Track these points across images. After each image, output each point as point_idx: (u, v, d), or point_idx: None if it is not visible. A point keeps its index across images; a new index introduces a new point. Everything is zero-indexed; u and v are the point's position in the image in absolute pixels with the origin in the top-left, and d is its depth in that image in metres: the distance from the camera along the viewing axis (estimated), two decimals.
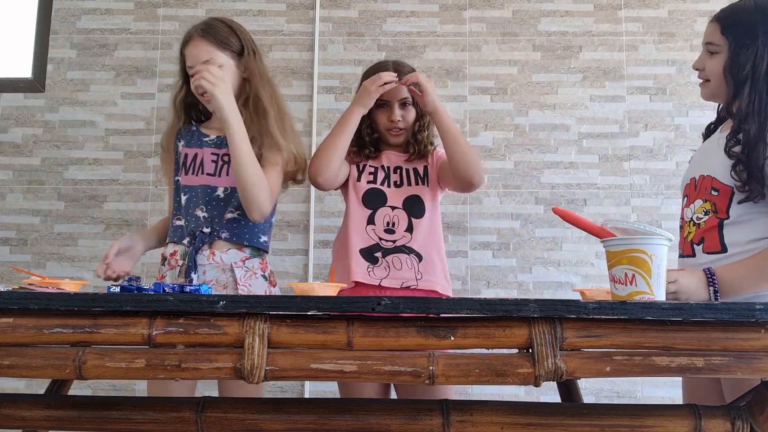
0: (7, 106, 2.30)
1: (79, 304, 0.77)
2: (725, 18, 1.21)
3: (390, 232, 1.50)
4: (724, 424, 0.81)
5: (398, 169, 1.57)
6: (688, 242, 1.24)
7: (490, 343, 0.78)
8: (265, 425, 0.83)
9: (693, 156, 1.35)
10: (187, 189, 1.47)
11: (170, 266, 1.45)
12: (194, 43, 1.44)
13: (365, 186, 1.54)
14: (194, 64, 1.42)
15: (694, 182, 1.27)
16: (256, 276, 1.45)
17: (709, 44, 1.22)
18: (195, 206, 1.45)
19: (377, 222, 1.51)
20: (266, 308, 0.78)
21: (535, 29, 2.32)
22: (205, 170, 1.47)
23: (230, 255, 1.44)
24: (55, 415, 0.84)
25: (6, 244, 2.24)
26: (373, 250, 1.49)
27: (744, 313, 0.73)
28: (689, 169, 1.33)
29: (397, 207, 1.52)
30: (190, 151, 1.50)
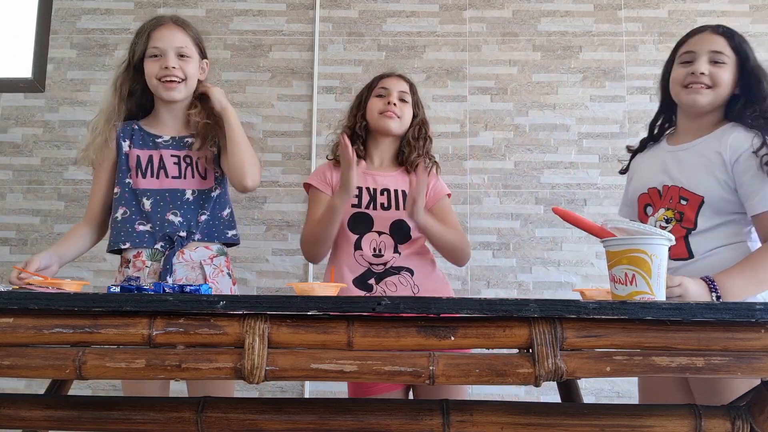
0: (7, 106, 2.30)
1: (79, 304, 0.77)
2: (732, 36, 1.25)
3: (378, 256, 1.47)
4: (724, 424, 0.81)
5: (385, 191, 1.52)
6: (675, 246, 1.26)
7: (491, 343, 0.78)
8: (265, 425, 0.83)
9: (639, 166, 1.39)
10: (149, 193, 1.44)
11: (136, 268, 1.42)
12: (169, 28, 1.43)
13: (350, 210, 1.49)
14: (165, 47, 1.41)
15: (656, 192, 1.30)
16: (222, 273, 1.47)
17: (718, 53, 1.24)
18: (165, 211, 1.43)
19: (364, 247, 1.47)
20: (266, 308, 0.78)
21: (535, 29, 2.32)
22: (169, 173, 1.45)
23: (199, 253, 1.44)
24: (55, 416, 0.84)
25: (6, 244, 2.24)
26: (366, 277, 1.47)
27: (744, 313, 0.73)
28: (641, 178, 1.36)
29: (383, 232, 1.48)
30: (143, 153, 1.46)
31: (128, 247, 1.42)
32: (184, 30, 1.45)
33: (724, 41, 1.25)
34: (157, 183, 1.45)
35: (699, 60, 1.25)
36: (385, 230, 1.49)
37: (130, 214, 1.44)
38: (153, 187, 1.44)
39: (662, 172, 1.31)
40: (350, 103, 1.63)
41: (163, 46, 1.41)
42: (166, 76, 1.41)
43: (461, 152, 2.28)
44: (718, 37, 1.26)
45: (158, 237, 1.42)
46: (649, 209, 1.32)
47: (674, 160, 1.31)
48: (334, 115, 2.27)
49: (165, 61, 1.41)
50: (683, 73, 1.28)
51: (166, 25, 1.44)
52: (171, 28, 1.43)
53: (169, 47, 1.41)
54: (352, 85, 2.27)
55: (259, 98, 2.29)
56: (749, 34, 2.28)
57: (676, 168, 1.29)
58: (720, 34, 1.26)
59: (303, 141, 2.27)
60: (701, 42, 1.27)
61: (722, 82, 1.24)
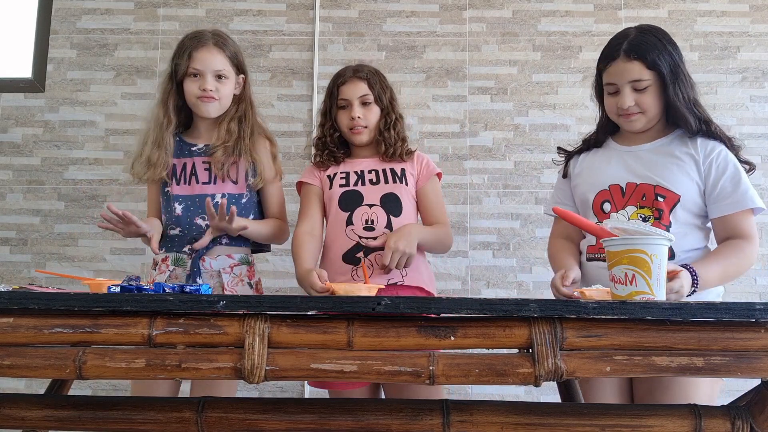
0: (7, 106, 2.30)
1: (79, 304, 0.77)
2: (646, 55, 1.27)
3: (369, 229, 1.45)
4: (724, 424, 0.81)
5: (373, 171, 1.52)
6: None
7: (491, 343, 0.78)
8: (265, 425, 0.83)
9: (590, 165, 1.40)
10: (181, 199, 1.48)
11: (160, 271, 1.47)
12: (209, 50, 1.46)
13: (339, 190, 1.50)
14: (205, 70, 1.45)
15: (619, 189, 1.32)
16: (242, 283, 1.48)
17: (637, 81, 1.27)
18: (194, 215, 1.47)
19: (356, 222, 1.46)
20: (266, 308, 0.78)
21: (535, 29, 2.32)
22: (200, 179, 1.49)
23: (219, 261, 1.46)
24: (55, 416, 0.84)
25: (6, 244, 2.23)
26: (354, 251, 1.44)
27: (744, 313, 0.73)
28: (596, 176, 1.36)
29: (374, 204, 1.48)
30: (178, 161, 1.51)
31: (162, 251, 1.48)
32: (223, 51, 1.48)
33: (639, 66, 1.27)
34: (189, 189, 1.49)
35: (623, 92, 1.29)
36: (376, 202, 1.48)
37: (165, 219, 1.50)
38: (185, 193, 1.49)
39: (625, 169, 1.33)
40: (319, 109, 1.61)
41: (202, 68, 1.46)
42: (203, 97, 1.46)
43: (461, 152, 2.27)
44: (633, 63, 1.27)
45: (186, 241, 1.46)
46: (607, 206, 1.32)
47: (637, 159, 1.33)
48: None
49: (203, 82, 1.45)
50: (613, 104, 1.33)
51: (206, 46, 1.47)
52: (211, 49, 1.47)
53: (208, 70, 1.46)
54: None
55: (259, 98, 2.27)
56: (749, 34, 2.29)
57: (644, 166, 1.31)
58: (634, 59, 1.27)
59: (303, 141, 2.27)
60: (619, 73, 1.29)
61: (648, 106, 1.29)
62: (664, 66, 1.26)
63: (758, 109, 2.25)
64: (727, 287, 2.19)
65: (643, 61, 1.26)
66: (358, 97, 1.50)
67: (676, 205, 1.27)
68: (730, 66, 2.27)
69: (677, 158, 1.29)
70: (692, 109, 1.28)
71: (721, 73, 2.27)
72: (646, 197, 1.28)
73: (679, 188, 1.27)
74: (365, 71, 1.53)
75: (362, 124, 1.50)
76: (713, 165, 1.27)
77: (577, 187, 1.41)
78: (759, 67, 2.27)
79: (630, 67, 1.27)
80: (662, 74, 1.26)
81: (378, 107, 1.52)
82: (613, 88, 1.32)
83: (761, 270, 2.19)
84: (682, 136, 1.32)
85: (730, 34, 2.29)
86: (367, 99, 1.51)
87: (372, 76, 1.52)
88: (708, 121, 1.30)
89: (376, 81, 1.52)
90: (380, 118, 1.52)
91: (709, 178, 1.27)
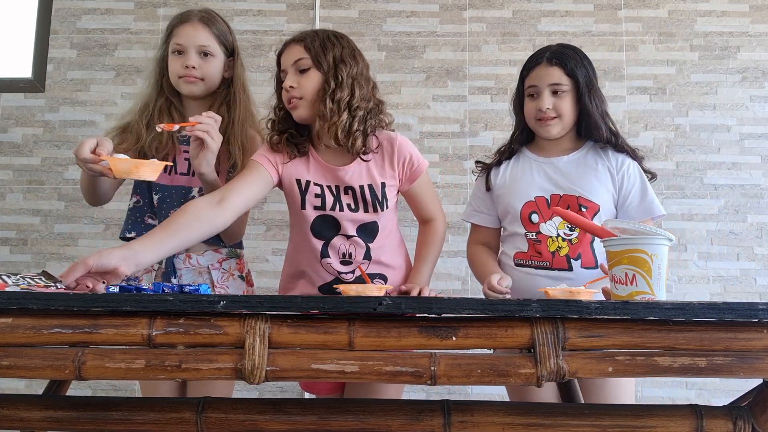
0: (7, 106, 2.29)
1: (79, 304, 0.77)
2: (566, 63, 1.37)
3: (347, 263, 1.32)
4: (726, 425, 0.80)
5: (350, 190, 1.30)
6: (562, 257, 1.35)
7: (492, 344, 0.77)
8: (265, 426, 0.83)
9: (512, 176, 1.44)
10: (158, 188, 1.39)
11: (145, 270, 1.38)
12: (194, 25, 1.39)
13: (313, 213, 1.30)
14: (187, 45, 1.37)
15: (544, 200, 1.38)
16: (233, 277, 1.43)
17: (557, 85, 1.37)
18: (170, 207, 1.38)
19: (332, 254, 1.31)
20: (267, 308, 0.77)
21: (535, 29, 2.32)
22: (179, 170, 1.41)
23: (207, 257, 1.41)
24: (54, 416, 0.84)
25: (6, 244, 2.23)
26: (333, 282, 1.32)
27: (746, 313, 0.73)
28: (521, 188, 1.41)
29: (352, 236, 1.31)
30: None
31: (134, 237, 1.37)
32: (209, 27, 1.40)
33: (559, 71, 1.36)
34: (168, 179, 1.41)
35: (542, 95, 1.37)
36: (353, 233, 1.31)
37: (142, 204, 1.42)
38: (163, 182, 1.40)
39: (547, 181, 1.40)
40: None
41: (184, 43, 1.38)
42: (185, 75, 1.38)
43: (461, 152, 2.27)
44: (554, 68, 1.37)
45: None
46: (535, 216, 1.39)
47: (557, 171, 1.40)
48: None
49: (186, 59, 1.37)
50: (533, 107, 1.40)
51: (190, 21, 1.39)
52: (195, 25, 1.39)
53: (191, 45, 1.37)
54: None
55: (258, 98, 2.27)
56: (749, 34, 2.29)
57: (565, 178, 1.39)
58: (555, 65, 1.37)
59: None
60: (541, 77, 1.38)
61: (565, 111, 1.37)
62: (581, 76, 1.36)
63: (758, 109, 2.25)
64: (727, 287, 2.21)
65: (563, 67, 1.37)
66: (292, 65, 1.26)
67: (596, 214, 1.35)
68: (730, 66, 2.27)
69: (595, 170, 1.38)
70: (604, 119, 1.39)
71: (721, 73, 2.27)
72: (570, 208, 1.35)
73: (599, 199, 1.36)
74: (304, 32, 1.29)
75: (296, 95, 1.25)
76: (625, 177, 1.38)
77: (501, 197, 1.45)
78: (759, 67, 2.27)
79: (551, 71, 1.37)
80: (578, 83, 1.36)
81: (320, 74, 1.25)
82: (533, 90, 1.40)
83: (761, 270, 2.19)
84: (595, 148, 1.41)
85: (730, 34, 2.29)
86: (303, 64, 1.25)
87: (312, 36, 1.27)
88: (616, 133, 1.40)
89: (313, 43, 1.26)
90: (325, 95, 1.24)
91: (622, 189, 1.38)
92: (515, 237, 1.41)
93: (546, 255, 1.35)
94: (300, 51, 1.26)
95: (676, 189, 2.21)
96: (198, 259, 1.41)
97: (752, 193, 2.21)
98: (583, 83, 1.36)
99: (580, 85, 1.36)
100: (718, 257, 2.20)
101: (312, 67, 1.26)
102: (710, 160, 2.23)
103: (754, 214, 2.21)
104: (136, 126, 1.40)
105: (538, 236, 1.37)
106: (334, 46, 1.27)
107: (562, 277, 1.34)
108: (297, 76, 1.26)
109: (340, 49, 1.28)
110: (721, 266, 2.19)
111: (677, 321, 0.77)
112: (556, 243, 1.36)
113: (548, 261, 1.35)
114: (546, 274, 1.35)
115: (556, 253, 1.35)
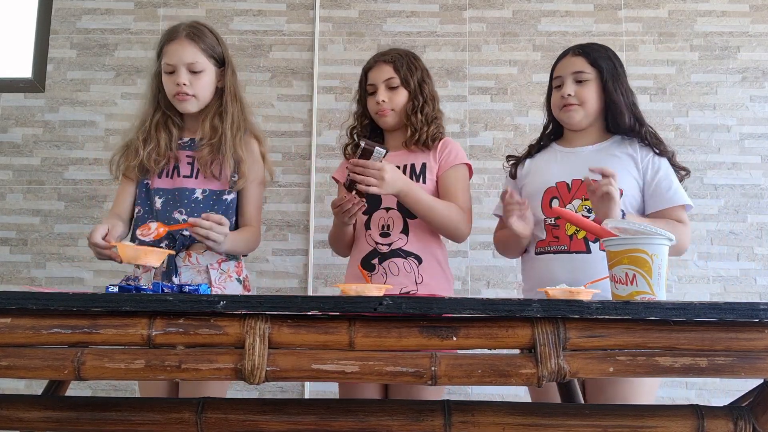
0: (7, 106, 2.29)
1: (78, 305, 0.77)
2: (590, 53, 1.42)
3: (385, 235, 1.46)
4: (727, 425, 0.80)
5: None
6: (580, 240, 1.36)
7: (493, 344, 0.77)
8: (265, 426, 0.83)
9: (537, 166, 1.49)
10: (162, 192, 1.45)
11: (145, 269, 1.43)
12: (180, 42, 1.43)
13: None
14: (176, 64, 1.42)
15: (565, 186, 1.41)
16: (230, 279, 1.45)
17: (579, 73, 1.41)
18: (172, 209, 1.43)
19: (372, 226, 1.48)
20: (267, 308, 0.77)
21: (535, 29, 2.32)
22: (181, 173, 1.46)
23: (206, 257, 1.43)
24: (53, 416, 0.84)
25: (6, 244, 2.23)
26: (371, 257, 1.46)
27: (747, 313, 0.73)
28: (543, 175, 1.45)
29: (391, 208, 1.48)
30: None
31: None
32: (196, 43, 1.43)
33: (582, 60, 1.42)
34: (170, 182, 1.46)
35: (566, 83, 1.42)
36: (392, 206, 1.48)
37: (143, 212, 1.45)
38: (165, 186, 1.45)
39: (569, 168, 1.42)
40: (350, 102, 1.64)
41: (174, 62, 1.42)
42: (179, 93, 1.43)
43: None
44: (577, 58, 1.43)
45: (165, 236, 1.39)
46: (555, 202, 1.42)
47: (579, 158, 1.43)
48: (334, 115, 2.27)
49: (177, 77, 1.42)
50: (557, 97, 1.44)
51: (177, 39, 1.43)
52: (182, 42, 1.43)
53: (180, 63, 1.42)
54: (352, 85, 2.26)
55: (259, 98, 2.28)
56: (749, 34, 2.28)
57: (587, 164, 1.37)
58: (578, 55, 1.43)
59: (303, 141, 2.27)
60: (565, 66, 1.44)
61: (587, 98, 1.40)
62: (605, 66, 1.40)
63: (758, 109, 2.25)
64: (727, 287, 2.21)
65: (586, 57, 1.42)
66: (383, 81, 1.50)
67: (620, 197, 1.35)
68: (730, 66, 2.27)
69: (617, 157, 1.40)
70: (630, 108, 1.41)
71: (721, 73, 2.27)
72: None
73: (622, 183, 1.34)
74: (392, 54, 1.52)
75: (387, 107, 1.50)
76: (650, 165, 1.39)
77: (525, 186, 1.50)
78: (759, 67, 2.27)
79: (574, 61, 1.43)
80: (602, 72, 1.39)
81: (405, 90, 1.51)
82: (558, 81, 1.45)
83: (761, 270, 2.19)
84: (621, 141, 1.43)
85: (730, 34, 2.29)
86: (393, 83, 1.50)
87: (399, 58, 1.51)
88: (641, 121, 1.41)
89: (402, 63, 1.50)
90: (407, 101, 1.51)
91: (646, 176, 1.39)
92: (536, 225, 1.41)
93: (564, 239, 1.37)
94: (390, 71, 1.50)
95: None
96: (198, 257, 1.42)
97: (752, 193, 2.21)
98: (606, 73, 1.39)
99: (604, 74, 1.39)
100: (718, 257, 2.19)
101: (400, 86, 1.51)
102: (710, 160, 2.23)
103: (754, 214, 2.20)
104: (135, 143, 1.47)
105: (557, 221, 1.39)
106: (417, 69, 1.53)
107: (580, 259, 1.34)
108: (387, 92, 1.50)
109: (421, 71, 1.54)
110: (721, 266, 2.19)
111: (678, 321, 0.76)
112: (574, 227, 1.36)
113: (566, 244, 1.37)
114: (564, 258, 1.36)
115: (574, 236, 1.36)
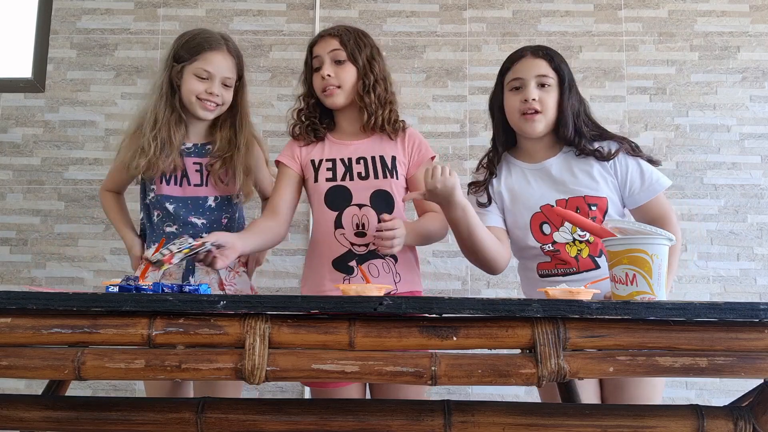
0: (7, 106, 2.29)
1: (78, 305, 0.77)
2: (553, 57, 1.33)
3: (361, 235, 1.35)
4: (727, 425, 0.80)
5: (361, 160, 1.38)
6: (586, 258, 1.30)
7: (493, 344, 0.77)
8: (265, 426, 0.82)
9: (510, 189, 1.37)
10: (172, 200, 1.46)
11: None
12: (223, 54, 1.43)
13: (325, 185, 1.37)
14: (215, 73, 1.41)
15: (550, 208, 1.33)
16: (239, 273, 1.49)
17: (544, 77, 1.31)
18: (188, 214, 1.45)
19: (345, 225, 1.35)
20: (267, 308, 0.77)
21: (535, 29, 2.32)
22: (192, 181, 1.46)
23: None
24: (53, 416, 0.84)
25: (6, 244, 2.23)
26: (347, 258, 1.35)
27: (747, 313, 0.73)
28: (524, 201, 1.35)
29: (364, 205, 1.36)
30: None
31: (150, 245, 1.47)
32: (233, 57, 1.45)
33: (546, 64, 1.32)
34: (180, 191, 1.47)
35: (528, 86, 1.31)
36: (365, 202, 1.36)
37: (162, 216, 1.47)
38: (176, 194, 1.46)
39: (547, 188, 1.34)
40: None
41: (213, 71, 1.41)
42: (207, 100, 1.42)
43: (461, 152, 2.27)
44: (540, 60, 1.32)
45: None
46: (547, 227, 1.33)
47: (551, 175, 1.34)
48: None
49: (210, 86, 1.41)
50: (516, 101, 1.32)
51: (220, 50, 1.42)
52: (225, 55, 1.43)
53: (218, 74, 1.42)
54: None
55: (259, 98, 2.28)
56: (749, 34, 2.28)
57: (563, 180, 1.33)
58: (541, 57, 1.32)
59: None
60: (526, 68, 1.32)
61: (549, 106, 1.31)
62: (566, 73, 1.32)
63: (758, 109, 2.25)
64: (727, 287, 2.20)
65: (549, 61, 1.32)
66: (328, 53, 1.35)
67: (607, 208, 1.31)
68: (730, 66, 2.27)
69: (587, 164, 1.33)
70: (576, 121, 1.32)
71: (721, 73, 2.27)
72: (580, 210, 1.30)
73: (602, 191, 1.31)
74: (338, 28, 1.38)
75: (334, 83, 1.35)
76: (616, 162, 1.32)
77: (508, 217, 1.39)
78: (759, 67, 2.27)
79: (538, 63, 1.32)
80: (563, 80, 1.31)
81: (353, 66, 1.36)
82: (518, 83, 1.33)
83: (761, 270, 2.19)
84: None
85: (730, 34, 2.29)
86: (339, 55, 1.35)
87: (345, 32, 1.37)
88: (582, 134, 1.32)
89: (350, 38, 1.36)
90: (357, 80, 1.36)
91: (618, 175, 1.32)
92: (531, 249, 1.35)
93: (571, 262, 1.30)
94: (335, 43, 1.35)
95: (676, 189, 2.21)
96: None
97: (752, 193, 2.21)
98: (566, 81, 1.31)
99: (564, 83, 1.31)
100: (718, 257, 2.19)
101: (347, 61, 1.36)
102: (710, 160, 2.23)
103: (754, 214, 2.20)
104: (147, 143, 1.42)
105: (555, 246, 1.32)
106: (365, 45, 1.38)
107: (593, 276, 1.29)
108: (334, 67, 1.35)
109: (370, 48, 1.39)
110: (721, 266, 2.19)
111: (678, 321, 0.76)
112: (575, 247, 1.31)
113: (574, 267, 1.30)
114: (575, 279, 1.30)
115: (578, 257, 1.30)
